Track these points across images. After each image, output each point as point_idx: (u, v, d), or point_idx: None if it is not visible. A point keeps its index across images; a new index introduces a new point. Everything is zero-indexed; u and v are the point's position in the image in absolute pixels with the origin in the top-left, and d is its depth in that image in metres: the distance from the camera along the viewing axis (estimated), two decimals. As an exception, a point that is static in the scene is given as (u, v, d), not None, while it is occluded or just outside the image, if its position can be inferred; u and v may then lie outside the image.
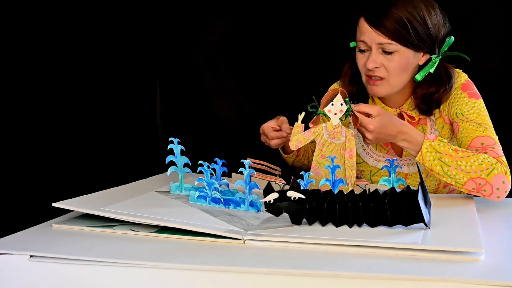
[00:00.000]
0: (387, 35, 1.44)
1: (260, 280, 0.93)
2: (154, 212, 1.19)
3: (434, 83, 1.52)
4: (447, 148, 1.38)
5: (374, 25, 1.45)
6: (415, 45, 1.46)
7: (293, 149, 1.40)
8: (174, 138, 1.40)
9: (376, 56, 1.47)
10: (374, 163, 1.63)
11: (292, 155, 1.68)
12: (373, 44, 1.46)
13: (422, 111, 1.56)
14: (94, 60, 2.21)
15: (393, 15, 1.43)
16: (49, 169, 2.16)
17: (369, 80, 1.51)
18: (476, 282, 0.87)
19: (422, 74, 1.51)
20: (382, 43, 1.45)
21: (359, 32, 1.49)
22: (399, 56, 1.46)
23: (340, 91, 1.37)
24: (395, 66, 1.47)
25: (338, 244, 1.02)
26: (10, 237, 1.10)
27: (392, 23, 1.43)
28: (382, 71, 1.48)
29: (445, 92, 1.52)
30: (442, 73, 1.53)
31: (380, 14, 1.44)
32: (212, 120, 2.28)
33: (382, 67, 1.48)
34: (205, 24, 2.24)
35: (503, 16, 1.96)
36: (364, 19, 1.47)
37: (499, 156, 1.41)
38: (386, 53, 1.46)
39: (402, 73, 1.50)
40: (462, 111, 1.51)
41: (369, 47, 1.48)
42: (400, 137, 1.39)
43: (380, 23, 1.44)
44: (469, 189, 1.37)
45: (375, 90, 1.52)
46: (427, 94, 1.53)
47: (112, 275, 0.96)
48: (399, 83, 1.51)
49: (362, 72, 1.53)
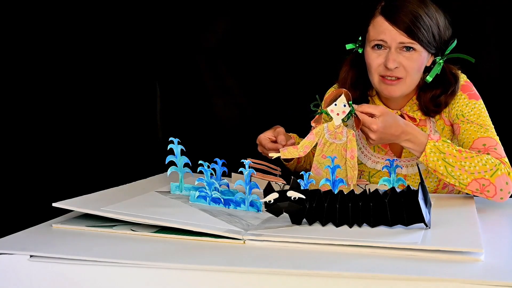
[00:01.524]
0: (409, 35, 1.43)
1: (260, 280, 0.93)
2: (154, 212, 1.19)
3: (440, 84, 1.52)
4: (451, 149, 1.37)
5: (396, 24, 1.44)
6: (430, 45, 1.46)
7: (303, 154, 1.39)
8: (174, 138, 1.39)
9: (396, 55, 1.45)
10: (372, 164, 1.62)
11: (293, 162, 1.68)
12: (393, 43, 1.45)
13: (431, 111, 1.55)
14: (94, 60, 2.21)
15: (414, 15, 1.43)
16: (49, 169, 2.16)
17: (385, 80, 1.49)
18: (476, 282, 0.87)
19: (432, 74, 1.51)
20: (404, 42, 1.44)
21: (376, 31, 1.47)
22: (417, 56, 1.46)
23: (344, 92, 1.36)
24: (414, 66, 1.46)
25: (338, 244, 1.02)
26: (10, 237, 1.10)
27: (413, 22, 1.42)
28: (401, 71, 1.47)
29: (453, 93, 1.52)
30: (448, 75, 1.53)
31: (402, 14, 1.43)
32: (212, 120, 2.28)
33: (401, 66, 1.46)
34: (205, 24, 2.24)
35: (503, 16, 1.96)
36: (384, 17, 1.45)
37: (501, 157, 1.41)
38: (406, 52, 1.45)
39: (417, 73, 1.49)
40: (463, 112, 1.51)
41: (388, 47, 1.46)
42: (404, 137, 1.39)
43: (402, 22, 1.43)
44: (473, 190, 1.37)
45: (392, 90, 1.50)
46: (435, 96, 1.52)
47: (112, 275, 0.96)
48: (414, 83, 1.51)
49: (376, 72, 1.50)
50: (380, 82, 1.50)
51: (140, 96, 2.30)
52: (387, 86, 1.49)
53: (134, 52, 2.25)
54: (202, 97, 2.27)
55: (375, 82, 1.52)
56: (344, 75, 1.61)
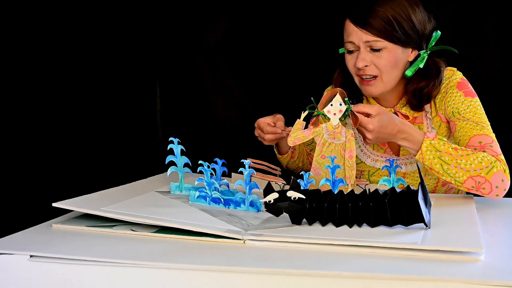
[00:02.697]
0: (373, 33, 1.45)
1: (260, 280, 0.93)
2: (154, 212, 1.19)
3: (424, 78, 1.53)
4: (447, 147, 1.38)
5: (359, 24, 1.47)
6: (402, 41, 1.47)
7: (291, 145, 1.40)
8: (174, 138, 1.40)
9: (365, 54, 1.48)
10: (372, 163, 1.63)
11: (287, 156, 1.68)
12: (360, 43, 1.47)
13: (414, 106, 1.56)
14: (94, 60, 2.21)
15: (378, 13, 1.45)
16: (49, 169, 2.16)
17: (362, 81, 1.52)
18: (476, 282, 0.87)
19: (412, 69, 1.52)
20: (369, 41, 1.46)
21: (346, 34, 1.51)
22: (387, 53, 1.47)
23: (339, 91, 1.37)
24: (385, 63, 1.48)
25: (338, 244, 1.02)
26: (10, 237, 1.10)
27: (377, 20, 1.45)
28: (373, 69, 1.49)
29: (434, 86, 1.53)
30: (431, 68, 1.54)
31: (365, 14, 1.46)
32: (212, 120, 2.28)
33: (372, 65, 1.49)
34: (205, 24, 2.24)
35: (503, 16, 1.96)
36: (350, 20, 1.49)
37: (497, 154, 1.42)
38: (374, 51, 1.47)
39: (393, 70, 1.50)
40: (459, 109, 1.51)
41: (357, 47, 1.49)
42: (400, 136, 1.40)
43: (366, 22, 1.46)
44: (469, 187, 1.37)
45: (370, 90, 1.52)
46: (417, 89, 1.53)
47: (112, 275, 0.96)
48: (391, 80, 1.52)
49: (354, 74, 1.53)
50: (360, 83, 1.54)
51: (140, 96, 2.30)
52: (365, 86, 1.53)
53: (134, 52, 2.25)
54: (202, 97, 2.27)
55: (357, 83, 1.55)
56: (335, 77, 1.65)
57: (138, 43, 2.25)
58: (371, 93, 1.54)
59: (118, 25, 2.21)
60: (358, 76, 1.52)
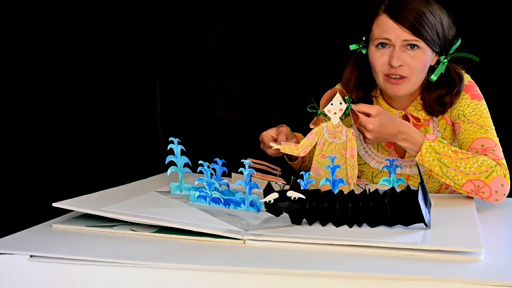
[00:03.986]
0: (413, 32, 1.43)
1: (260, 280, 0.93)
2: (154, 212, 1.19)
3: (445, 84, 1.52)
4: (447, 149, 1.37)
5: (400, 21, 1.44)
6: (434, 43, 1.46)
7: (303, 154, 1.40)
8: (174, 138, 1.39)
9: (400, 53, 1.45)
10: (376, 165, 1.62)
11: (298, 161, 1.67)
12: (398, 41, 1.44)
13: (435, 111, 1.54)
14: (94, 60, 2.21)
15: (418, 12, 1.43)
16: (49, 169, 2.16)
17: (389, 79, 1.48)
18: (476, 282, 0.87)
19: (437, 74, 1.51)
20: (408, 40, 1.44)
21: (380, 30, 1.47)
22: (422, 54, 1.46)
23: (338, 90, 1.37)
24: (418, 64, 1.46)
25: (338, 244, 1.02)
26: (10, 237, 1.10)
27: (417, 19, 1.43)
28: (406, 69, 1.46)
29: (458, 93, 1.52)
30: (452, 74, 1.53)
31: (405, 11, 1.44)
32: (212, 120, 2.28)
33: (406, 65, 1.46)
34: (205, 24, 2.24)
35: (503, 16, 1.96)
36: (388, 15, 1.45)
37: (499, 158, 1.41)
38: (410, 50, 1.45)
39: (422, 72, 1.49)
40: (464, 112, 1.51)
41: (392, 45, 1.46)
42: (400, 137, 1.39)
43: (407, 20, 1.43)
44: (468, 190, 1.37)
45: (397, 89, 1.49)
46: (441, 96, 1.52)
47: (112, 275, 0.96)
48: (418, 82, 1.51)
49: (380, 71, 1.49)
50: (385, 82, 1.50)
51: (140, 96, 2.30)
52: (392, 85, 1.49)
53: (134, 52, 2.25)
54: (202, 97, 2.28)
55: (380, 81, 1.51)
56: (347, 76, 1.61)
57: (138, 43, 2.25)
58: (397, 93, 1.50)
59: (118, 25, 2.21)
60: (385, 74, 1.49)
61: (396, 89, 1.49)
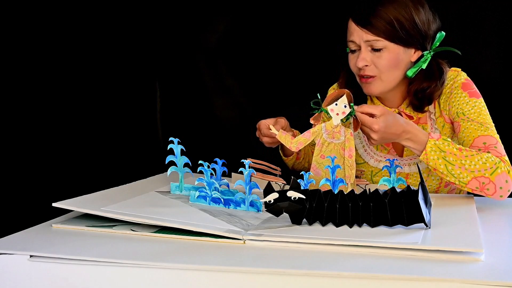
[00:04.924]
0: (374, 32, 1.46)
1: (260, 280, 0.93)
2: (154, 212, 1.19)
3: (427, 79, 1.54)
4: (452, 147, 1.38)
5: (361, 23, 1.47)
6: (404, 41, 1.47)
7: (295, 150, 1.41)
8: (174, 138, 1.40)
9: (365, 54, 1.48)
10: (375, 163, 1.62)
11: (292, 157, 1.68)
12: (361, 43, 1.48)
13: (415, 107, 1.57)
14: (94, 60, 2.21)
15: (379, 13, 1.45)
16: (49, 169, 2.16)
17: (362, 79, 1.53)
18: (476, 282, 0.87)
19: (413, 70, 1.52)
20: (370, 40, 1.47)
21: (348, 33, 1.51)
22: (388, 53, 1.48)
23: (346, 93, 1.37)
24: (385, 63, 1.48)
25: (338, 244, 1.02)
26: (10, 237, 1.10)
27: (378, 20, 1.45)
28: (372, 69, 1.49)
29: (437, 88, 1.53)
30: (434, 69, 1.54)
31: (367, 13, 1.47)
32: (212, 120, 2.28)
33: (372, 65, 1.49)
34: (205, 24, 2.24)
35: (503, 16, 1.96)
36: (352, 19, 1.49)
37: (501, 155, 1.42)
38: (374, 51, 1.48)
39: (393, 70, 1.50)
40: (463, 110, 1.51)
41: (358, 47, 1.49)
42: (405, 136, 1.39)
43: (367, 21, 1.46)
44: (473, 188, 1.37)
45: (369, 88, 1.53)
46: (419, 90, 1.54)
47: (112, 275, 0.96)
48: (391, 80, 1.52)
49: (355, 73, 1.54)
50: (361, 83, 1.54)
51: (140, 96, 2.30)
52: (365, 85, 1.53)
53: (134, 52, 2.25)
54: (202, 97, 2.28)
55: (359, 82, 1.55)
56: (342, 75, 1.65)
57: (138, 43, 2.25)
58: (370, 92, 1.54)
59: (118, 25, 2.21)
60: (358, 75, 1.53)
61: (368, 88, 1.53)
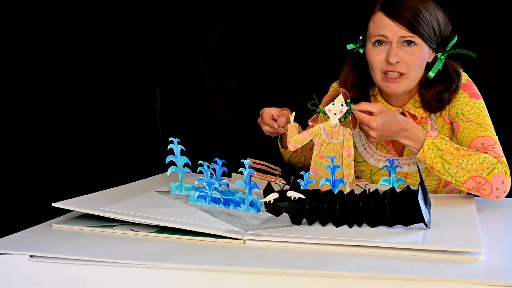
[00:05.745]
0: (409, 29, 1.44)
1: (260, 280, 0.93)
2: (154, 212, 1.19)
3: (443, 80, 1.53)
4: (449, 146, 1.38)
5: (396, 18, 1.44)
6: (431, 40, 1.47)
7: (292, 149, 1.41)
8: (174, 138, 1.40)
9: (397, 50, 1.46)
10: (374, 162, 1.62)
11: (289, 150, 1.68)
12: (394, 38, 1.45)
13: (434, 108, 1.54)
14: (94, 60, 2.21)
15: (414, 9, 1.44)
16: (49, 169, 2.16)
17: (387, 78, 1.49)
18: (476, 282, 0.87)
19: (434, 70, 1.51)
20: (405, 36, 1.45)
21: (377, 27, 1.48)
22: (419, 51, 1.46)
23: (342, 91, 1.37)
24: (416, 61, 1.46)
25: (338, 244, 1.02)
26: (10, 237, 1.10)
27: (414, 16, 1.43)
28: (403, 66, 1.47)
29: (456, 89, 1.52)
30: (450, 71, 1.53)
31: (401, 8, 1.44)
32: (212, 120, 2.28)
33: (403, 61, 1.46)
34: (205, 24, 2.24)
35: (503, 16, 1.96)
36: (384, 13, 1.46)
37: (499, 156, 1.42)
38: (407, 47, 1.45)
39: (419, 69, 1.49)
40: (463, 111, 1.51)
41: (389, 42, 1.46)
42: (403, 134, 1.39)
43: (403, 16, 1.44)
44: (469, 187, 1.37)
45: (395, 87, 1.49)
46: (439, 92, 1.52)
47: (112, 275, 0.96)
48: (416, 79, 1.51)
49: (378, 69, 1.49)
50: (383, 80, 1.50)
51: (140, 96, 2.29)
52: (390, 83, 1.49)
53: (134, 52, 2.25)
54: (202, 97, 2.27)
55: (377, 79, 1.51)
56: (345, 75, 1.62)
57: (138, 43, 2.24)
58: (395, 91, 1.50)
59: (118, 25, 2.21)
60: (383, 72, 1.49)
61: (394, 87, 1.49)
